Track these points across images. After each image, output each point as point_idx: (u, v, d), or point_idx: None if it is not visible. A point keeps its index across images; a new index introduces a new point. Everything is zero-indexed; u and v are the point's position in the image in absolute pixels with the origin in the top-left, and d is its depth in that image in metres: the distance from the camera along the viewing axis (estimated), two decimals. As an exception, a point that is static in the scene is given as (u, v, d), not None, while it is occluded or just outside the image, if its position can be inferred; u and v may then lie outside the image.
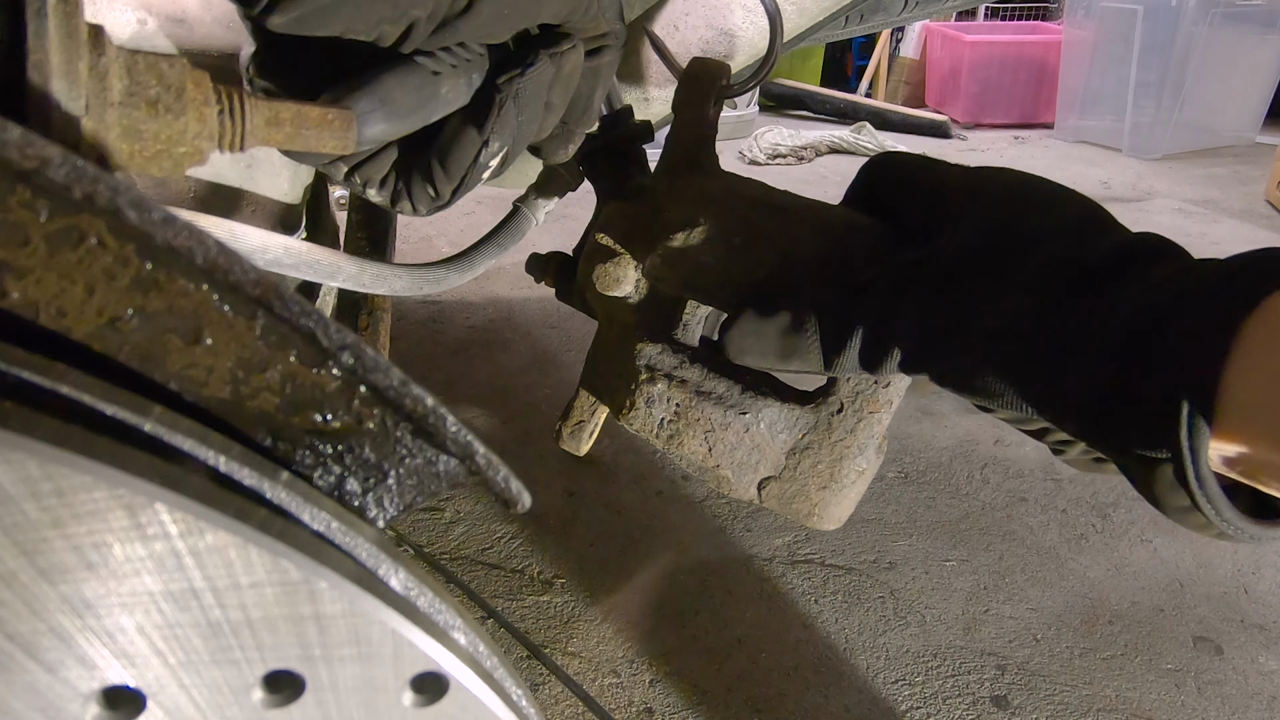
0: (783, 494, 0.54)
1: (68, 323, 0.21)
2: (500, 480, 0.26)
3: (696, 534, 1.30)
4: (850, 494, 0.54)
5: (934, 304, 0.41)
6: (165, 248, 0.21)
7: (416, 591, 0.25)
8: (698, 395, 0.53)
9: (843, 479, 0.53)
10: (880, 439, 0.53)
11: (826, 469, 0.53)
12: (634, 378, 0.54)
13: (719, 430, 0.53)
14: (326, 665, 0.23)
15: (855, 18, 1.06)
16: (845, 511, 0.55)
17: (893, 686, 1.06)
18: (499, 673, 0.27)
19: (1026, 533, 1.33)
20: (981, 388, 0.40)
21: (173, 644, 0.22)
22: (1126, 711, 1.04)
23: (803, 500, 0.54)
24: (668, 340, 0.54)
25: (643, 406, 0.54)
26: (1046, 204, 0.42)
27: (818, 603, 1.18)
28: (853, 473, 0.53)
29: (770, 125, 3.39)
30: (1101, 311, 0.37)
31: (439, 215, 2.54)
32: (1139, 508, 1.39)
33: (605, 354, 0.58)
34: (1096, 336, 0.36)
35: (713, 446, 0.54)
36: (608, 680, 1.06)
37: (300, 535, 0.22)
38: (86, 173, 0.20)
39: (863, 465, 0.53)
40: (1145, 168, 3.27)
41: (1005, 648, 1.12)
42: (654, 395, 0.54)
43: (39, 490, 0.19)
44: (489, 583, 1.20)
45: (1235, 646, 1.13)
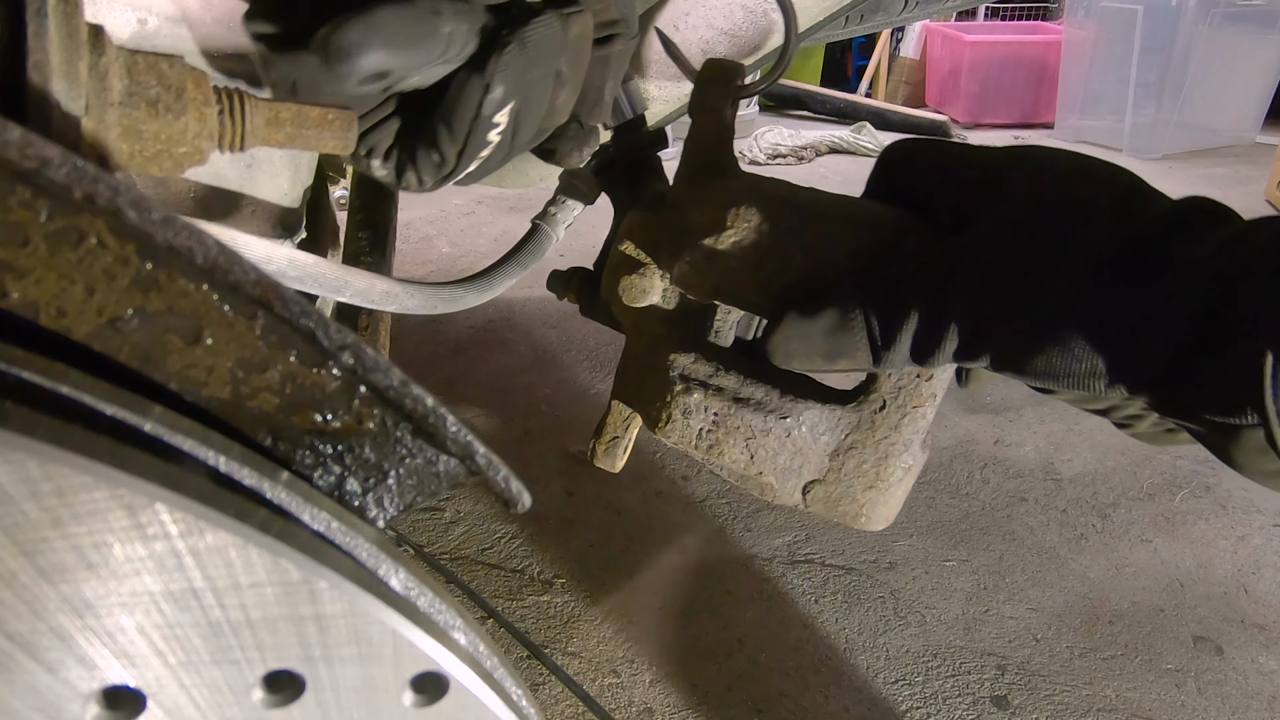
0: (828, 497, 0.53)
1: (68, 323, 0.21)
2: (500, 480, 0.26)
3: (696, 534, 1.30)
4: (897, 492, 0.53)
5: (987, 285, 0.40)
6: (165, 248, 0.21)
7: (417, 591, 0.25)
8: (736, 402, 0.52)
9: (889, 477, 0.52)
10: (925, 434, 0.52)
11: (872, 468, 0.52)
12: (669, 389, 0.53)
13: (760, 436, 0.52)
14: (327, 665, 0.23)
15: (855, 18, 1.06)
16: (893, 510, 0.54)
17: (893, 686, 1.06)
18: (499, 673, 0.27)
19: (1026, 533, 1.33)
20: (1044, 368, 0.39)
21: (173, 644, 0.22)
22: (1126, 711, 1.04)
23: (849, 502, 0.53)
24: (700, 347, 0.53)
25: (680, 418, 0.53)
26: (1087, 175, 0.41)
27: (818, 603, 1.18)
28: (899, 470, 0.52)
29: (770, 125, 3.39)
30: (1168, 278, 0.36)
31: (439, 216, 2.54)
32: (1139, 508, 1.39)
33: (636, 367, 0.57)
34: (1167, 303, 0.36)
35: (754, 454, 0.53)
36: (608, 680, 1.06)
37: (300, 535, 0.22)
38: (87, 173, 0.20)
39: (908, 462, 0.52)
40: (1145, 168, 3.27)
41: (1005, 648, 1.12)
42: (691, 406, 0.53)
43: (39, 490, 0.19)
44: (489, 583, 1.20)
45: (1235, 646, 1.13)
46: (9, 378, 0.20)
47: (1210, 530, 1.34)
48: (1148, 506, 1.40)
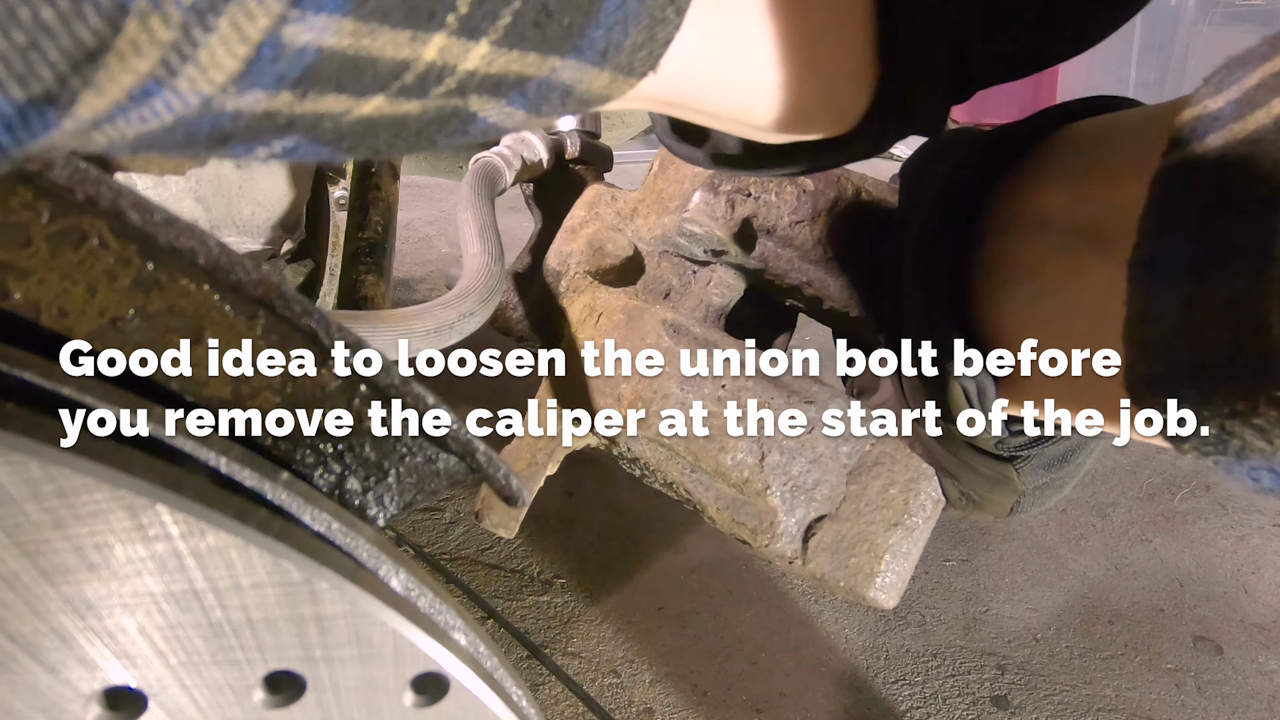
0: (839, 542, 0.41)
1: (70, 323, 0.21)
2: (500, 478, 0.26)
3: (696, 534, 1.30)
4: (920, 539, 0.42)
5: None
6: (167, 248, 0.21)
7: (417, 592, 0.25)
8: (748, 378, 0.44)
9: (917, 511, 0.41)
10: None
11: (900, 495, 0.40)
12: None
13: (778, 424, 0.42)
14: (327, 666, 0.24)
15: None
16: (909, 572, 0.42)
17: (893, 686, 1.06)
18: (499, 673, 0.27)
19: (1026, 533, 1.33)
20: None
21: (174, 645, 0.22)
22: (1126, 711, 1.04)
23: (865, 551, 0.40)
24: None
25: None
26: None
27: (818, 603, 1.18)
28: (929, 501, 0.41)
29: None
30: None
31: (439, 216, 2.54)
32: (1138, 507, 1.39)
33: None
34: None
35: (766, 453, 0.42)
36: (608, 680, 1.06)
37: (301, 536, 0.22)
38: (89, 175, 0.20)
39: (936, 493, 0.42)
40: (1145, 167, 3.26)
41: (1005, 648, 1.12)
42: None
43: (41, 491, 0.19)
44: (489, 583, 1.20)
45: (1235, 646, 1.13)
46: (11, 379, 0.20)
47: (1210, 530, 1.34)
48: (1147, 506, 1.40)
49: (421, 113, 0.19)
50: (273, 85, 0.15)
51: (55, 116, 0.14)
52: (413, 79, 0.17)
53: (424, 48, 0.16)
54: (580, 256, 0.54)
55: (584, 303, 0.53)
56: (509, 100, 0.20)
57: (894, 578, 0.41)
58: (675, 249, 0.51)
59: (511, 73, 0.19)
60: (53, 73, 0.13)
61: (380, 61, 0.16)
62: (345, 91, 0.17)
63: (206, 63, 0.14)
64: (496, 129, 0.21)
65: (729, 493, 0.44)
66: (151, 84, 0.14)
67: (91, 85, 0.13)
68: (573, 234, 0.55)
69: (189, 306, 0.22)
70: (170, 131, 0.15)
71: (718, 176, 0.47)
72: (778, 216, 0.45)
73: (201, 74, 0.14)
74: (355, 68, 0.16)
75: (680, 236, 0.49)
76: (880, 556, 0.40)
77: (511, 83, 0.19)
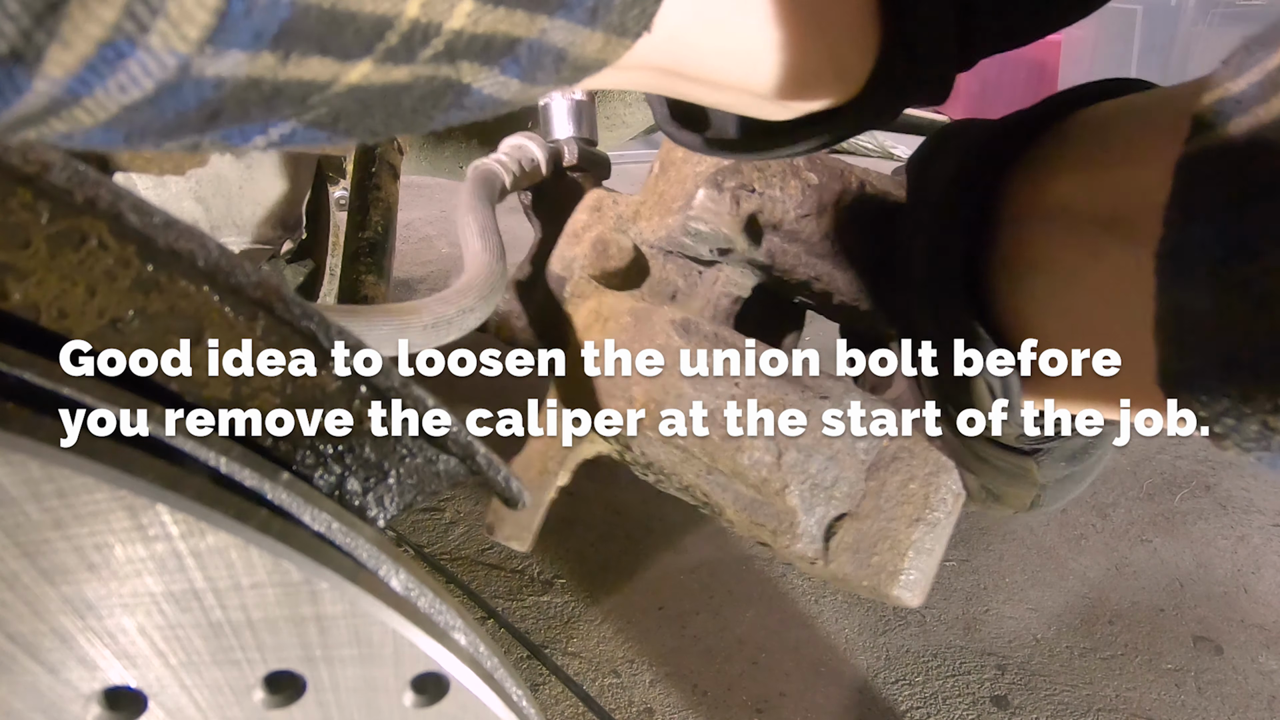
0: (860, 541, 0.39)
1: (69, 324, 0.22)
2: (501, 479, 0.26)
3: (696, 534, 1.30)
4: (944, 535, 0.40)
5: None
6: (167, 250, 0.21)
7: (417, 592, 0.25)
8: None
9: (938, 505, 0.40)
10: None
11: (921, 488, 0.39)
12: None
13: (796, 419, 0.42)
14: (327, 666, 0.24)
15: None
16: (934, 568, 0.41)
17: (893, 686, 1.06)
18: (499, 673, 0.27)
19: (1026, 533, 1.33)
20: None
21: (174, 645, 0.22)
22: (1126, 711, 1.04)
23: (888, 548, 0.39)
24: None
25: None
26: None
27: (818, 603, 1.18)
28: (949, 495, 0.40)
29: (770, 125, 3.39)
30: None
31: (439, 216, 2.54)
32: (1138, 507, 1.39)
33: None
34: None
35: (783, 451, 0.41)
36: (608, 680, 1.06)
37: (301, 536, 0.22)
38: (88, 177, 0.20)
39: (958, 487, 0.40)
40: (1145, 167, 3.26)
41: (1005, 648, 1.12)
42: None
43: (41, 491, 0.19)
44: (489, 583, 1.20)
45: (1235, 646, 1.13)
46: (11, 379, 0.20)
47: (1210, 530, 1.34)
48: (1147, 506, 1.40)
49: (413, 82, 0.18)
50: (251, 43, 0.15)
51: (25, 77, 0.13)
52: (397, 39, 0.17)
53: (405, 3, 0.16)
54: (585, 260, 0.54)
55: (590, 307, 0.52)
56: (501, 68, 0.19)
57: (918, 575, 0.40)
58: (681, 249, 0.51)
59: (500, 33, 0.18)
60: (15, 26, 0.12)
61: (360, 16, 0.16)
62: (329, 54, 0.16)
63: (176, 15, 0.13)
64: (492, 101, 0.20)
65: (747, 493, 0.43)
66: (123, 42, 0.13)
67: (57, 37, 0.13)
68: (576, 238, 0.55)
69: (189, 307, 0.22)
70: (157, 106, 0.15)
71: (721, 174, 0.47)
72: (783, 211, 0.44)
73: (173, 28, 0.14)
74: (334, 22, 0.15)
75: (685, 235, 0.49)
76: (904, 554, 0.39)
77: (501, 45, 0.18)
